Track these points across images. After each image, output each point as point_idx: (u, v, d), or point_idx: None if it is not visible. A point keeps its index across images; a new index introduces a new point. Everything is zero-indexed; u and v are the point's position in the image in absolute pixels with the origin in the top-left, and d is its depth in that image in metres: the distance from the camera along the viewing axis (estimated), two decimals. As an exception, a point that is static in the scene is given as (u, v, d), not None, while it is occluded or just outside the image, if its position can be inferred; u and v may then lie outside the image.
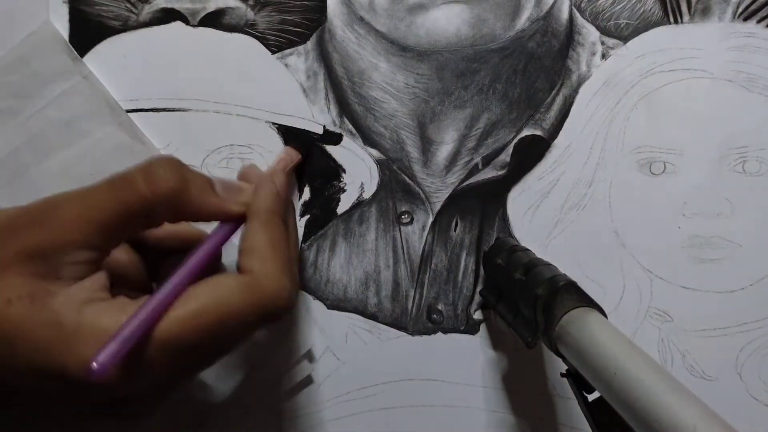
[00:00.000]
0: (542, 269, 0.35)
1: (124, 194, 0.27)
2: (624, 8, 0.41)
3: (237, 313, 0.27)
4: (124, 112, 0.40)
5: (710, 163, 0.41)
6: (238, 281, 0.28)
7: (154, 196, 0.27)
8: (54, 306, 0.25)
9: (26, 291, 0.25)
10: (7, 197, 0.40)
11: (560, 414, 0.41)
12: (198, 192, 0.29)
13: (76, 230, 0.26)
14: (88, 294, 0.26)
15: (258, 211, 0.31)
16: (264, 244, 0.30)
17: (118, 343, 0.24)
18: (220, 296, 0.27)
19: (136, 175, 0.27)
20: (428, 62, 0.41)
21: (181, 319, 0.26)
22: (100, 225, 0.26)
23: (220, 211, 0.30)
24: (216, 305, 0.27)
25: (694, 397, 0.25)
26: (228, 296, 0.27)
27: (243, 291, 0.27)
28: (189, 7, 0.41)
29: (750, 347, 0.41)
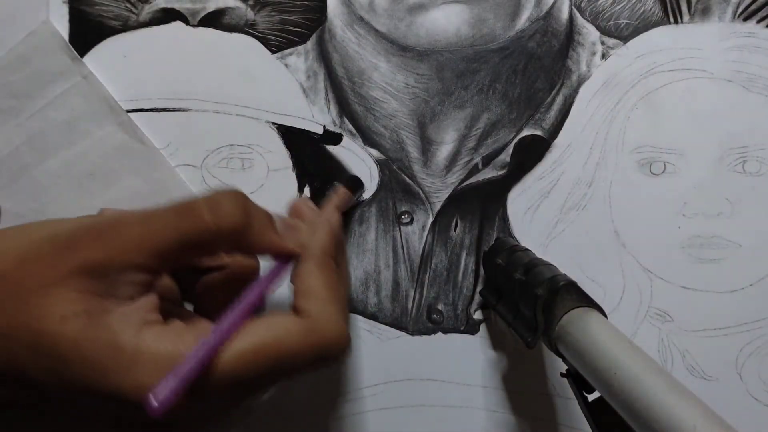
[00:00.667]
0: (542, 269, 0.35)
1: (188, 224, 0.26)
2: (624, 8, 0.41)
3: (295, 354, 0.27)
4: (124, 112, 0.40)
5: (710, 163, 0.41)
6: (297, 323, 0.28)
7: (218, 229, 0.27)
8: (111, 325, 0.24)
9: (83, 308, 0.24)
10: (8, 197, 0.40)
11: (560, 414, 0.41)
12: (260, 228, 0.28)
13: (136, 252, 0.25)
14: (143, 315, 0.25)
15: (314, 253, 0.31)
16: (321, 286, 0.29)
17: (178, 380, 0.23)
18: (279, 335, 0.27)
19: (201, 205, 0.27)
20: (428, 62, 0.41)
21: (240, 354, 0.26)
22: (160, 250, 0.26)
23: (278, 249, 0.30)
24: (275, 343, 0.26)
25: (694, 397, 0.25)
26: (287, 336, 0.27)
27: (302, 333, 0.27)
28: (189, 7, 0.41)
29: (750, 347, 0.41)
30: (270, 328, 0.27)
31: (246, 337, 0.26)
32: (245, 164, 0.41)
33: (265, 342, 0.26)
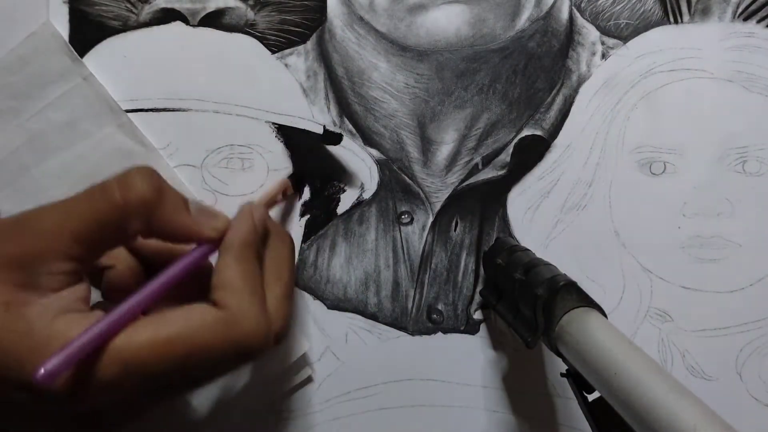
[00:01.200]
0: (542, 269, 0.35)
1: (99, 203, 0.26)
2: (624, 8, 0.41)
3: (209, 349, 0.27)
4: (125, 113, 0.40)
5: (710, 163, 0.41)
6: (214, 316, 0.27)
7: (125, 204, 0.26)
8: (27, 315, 0.25)
9: (2, 299, 0.24)
10: (7, 198, 0.40)
11: (560, 414, 0.41)
12: (171, 207, 0.28)
13: (55, 240, 0.25)
14: (64, 304, 0.26)
15: (231, 244, 0.30)
16: (239, 278, 0.29)
17: (66, 353, 0.24)
18: (193, 328, 0.26)
19: (112, 183, 0.27)
20: (428, 62, 0.41)
21: (151, 343, 0.25)
22: (77, 235, 0.26)
23: (191, 232, 0.29)
24: (188, 337, 0.26)
25: (694, 397, 0.25)
26: (202, 329, 0.26)
27: (218, 325, 0.27)
28: (189, 7, 0.41)
29: (750, 347, 0.41)
30: (186, 318, 0.27)
31: (160, 325, 0.26)
32: (245, 164, 0.41)
33: (179, 333, 0.26)
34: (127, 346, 0.25)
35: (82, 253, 0.26)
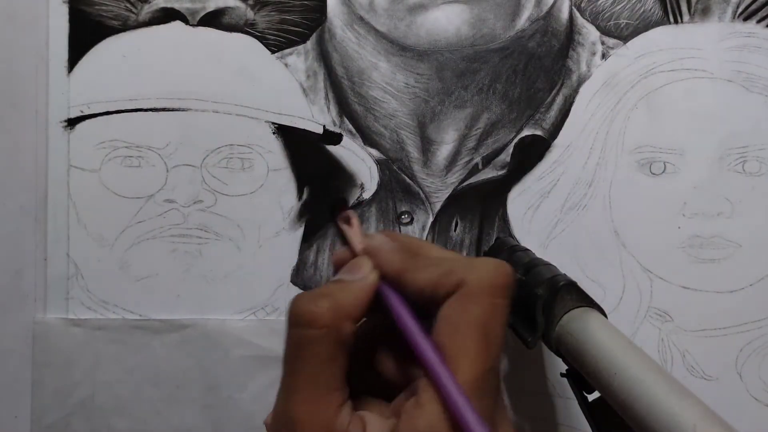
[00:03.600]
0: (542, 269, 0.35)
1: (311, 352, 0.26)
2: (624, 8, 0.41)
3: (486, 318, 0.26)
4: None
5: (710, 163, 0.41)
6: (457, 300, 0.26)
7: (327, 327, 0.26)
8: None
9: None
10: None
11: (560, 414, 0.41)
12: (344, 296, 0.27)
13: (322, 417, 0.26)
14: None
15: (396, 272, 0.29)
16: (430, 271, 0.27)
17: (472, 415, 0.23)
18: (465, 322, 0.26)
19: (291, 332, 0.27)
20: (428, 62, 0.41)
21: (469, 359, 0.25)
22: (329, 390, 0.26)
23: (368, 288, 0.28)
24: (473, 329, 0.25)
25: (694, 397, 0.25)
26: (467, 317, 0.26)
27: (469, 299, 0.26)
28: (188, 6, 0.41)
29: (750, 347, 0.41)
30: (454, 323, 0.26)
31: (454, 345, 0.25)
32: (245, 164, 0.41)
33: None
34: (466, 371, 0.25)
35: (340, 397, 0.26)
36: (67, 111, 0.41)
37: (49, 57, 0.40)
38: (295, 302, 0.27)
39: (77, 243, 0.41)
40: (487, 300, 0.26)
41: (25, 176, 0.41)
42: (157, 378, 0.40)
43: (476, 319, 0.26)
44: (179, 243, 0.41)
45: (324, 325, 0.26)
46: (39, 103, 0.41)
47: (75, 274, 0.41)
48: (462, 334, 0.26)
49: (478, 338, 0.25)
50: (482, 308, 0.26)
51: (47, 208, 0.40)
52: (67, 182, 0.40)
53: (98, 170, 0.41)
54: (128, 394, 0.40)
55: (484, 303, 0.26)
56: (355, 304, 0.27)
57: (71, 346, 0.40)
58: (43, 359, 0.40)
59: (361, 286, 0.28)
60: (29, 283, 0.41)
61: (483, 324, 0.26)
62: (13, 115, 0.41)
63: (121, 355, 0.40)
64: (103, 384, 0.40)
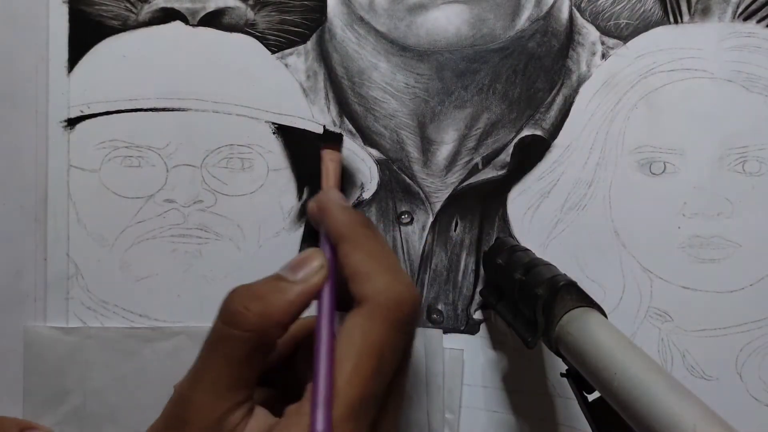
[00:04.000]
0: (542, 269, 0.35)
1: (223, 351, 0.26)
2: (624, 8, 0.41)
3: (382, 345, 0.26)
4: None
5: (710, 163, 0.41)
6: (363, 316, 0.26)
7: (249, 333, 0.26)
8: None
9: None
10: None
11: (560, 414, 0.41)
12: (277, 301, 0.27)
13: (214, 409, 0.26)
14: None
15: (339, 236, 0.29)
16: (360, 261, 0.27)
17: (323, 406, 0.24)
18: (360, 342, 0.25)
19: (218, 326, 0.27)
20: (428, 62, 0.41)
21: (349, 381, 0.25)
22: (231, 388, 0.26)
23: (306, 294, 0.28)
24: (365, 353, 0.25)
25: (694, 397, 0.25)
26: (364, 337, 0.26)
27: (372, 321, 0.26)
28: (189, 6, 0.41)
29: (750, 347, 0.41)
30: (351, 340, 0.26)
31: (341, 363, 0.25)
32: (245, 164, 0.41)
33: (356, 355, 0.25)
34: (343, 394, 0.25)
35: (241, 395, 0.26)
36: (67, 111, 0.41)
37: (49, 57, 0.40)
38: (229, 297, 0.27)
39: (77, 243, 0.41)
40: (387, 328, 0.26)
41: (25, 176, 0.41)
42: (149, 386, 0.40)
43: (373, 344, 0.25)
44: (179, 243, 0.41)
45: (248, 330, 0.26)
46: (39, 103, 0.41)
47: (75, 274, 0.41)
48: (356, 353, 0.25)
49: (370, 362, 0.25)
50: (381, 334, 0.26)
51: (47, 208, 0.41)
52: (67, 182, 0.41)
53: (98, 170, 0.41)
54: (119, 402, 0.40)
55: (384, 330, 0.26)
56: (288, 311, 0.27)
57: (62, 355, 0.40)
58: (34, 367, 0.40)
59: (299, 291, 0.27)
60: (29, 283, 0.41)
61: (378, 349, 0.25)
62: (13, 115, 0.41)
63: (112, 363, 0.40)
64: (94, 392, 0.40)
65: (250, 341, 0.26)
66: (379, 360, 0.25)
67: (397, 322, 0.26)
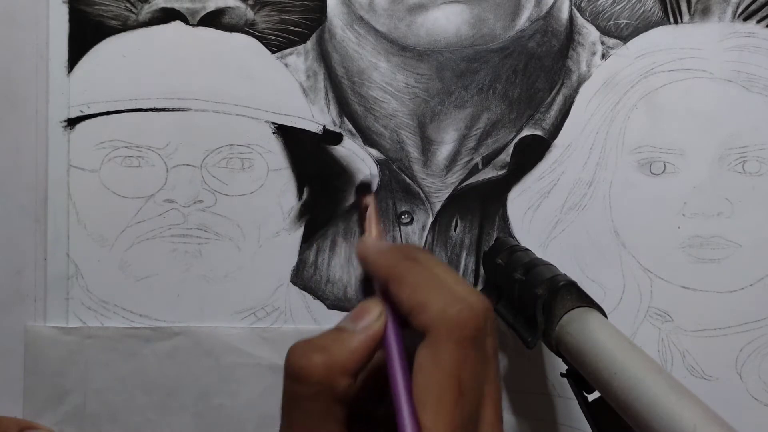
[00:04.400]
0: (542, 269, 0.35)
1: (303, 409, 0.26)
2: (624, 8, 0.41)
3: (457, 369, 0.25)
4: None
5: (710, 163, 0.41)
6: (429, 347, 0.25)
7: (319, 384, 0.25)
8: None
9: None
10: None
11: (560, 414, 0.41)
12: (340, 350, 0.26)
13: None
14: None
15: (384, 281, 0.28)
16: (409, 296, 0.27)
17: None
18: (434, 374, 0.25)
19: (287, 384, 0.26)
20: (428, 62, 0.41)
21: (435, 416, 0.24)
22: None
23: (368, 340, 0.27)
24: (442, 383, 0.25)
25: (694, 397, 0.25)
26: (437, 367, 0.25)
27: (439, 349, 0.25)
28: (189, 6, 0.41)
29: (750, 347, 0.41)
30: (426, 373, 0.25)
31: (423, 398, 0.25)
32: (245, 164, 0.41)
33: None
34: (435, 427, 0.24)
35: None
36: (67, 111, 0.41)
37: (49, 57, 0.40)
38: (290, 354, 0.26)
39: (77, 243, 0.41)
40: (455, 351, 0.25)
41: (25, 176, 0.41)
42: (148, 386, 0.40)
43: (446, 370, 0.25)
44: (179, 243, 0.41)
45: (315, 382, 0.25)
46: (39, 103, 0.41)
47: (75, 274, 0.41)
48: (434, 384, 0.25)
49: (450, 390, 0.25)
50: (451, 359, 0.25)
51: (47, 208, 0.40)
52: (67, 182, 0.40)
53: (98, 170, 0.41)
54: (119, 401, 0.40)
55: (453, 354, 0.25)
56: (353, 359, 0.26)
57: (62, 354, 0.40)
58: (34, 367, 0.40)
59: (362, 339, 0.27)
60: (29, 283, 0.41)
61: (454, 374, 0.25)
62: (13, 115, 0.41)
63: (112, 363, 0.40)
64: (94, 392, 0.40)
65: (321, 394, 0.26)
66: (458, 384, 0.25)
67: (464, 340, 0.26)
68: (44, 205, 0.41)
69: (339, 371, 0.26)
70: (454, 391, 0.25)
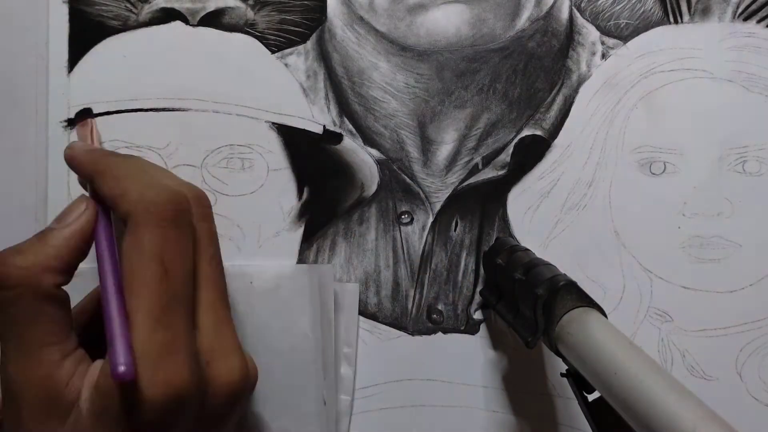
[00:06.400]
0: (542, 269, 0.35)
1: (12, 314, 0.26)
2: (624, 8, 0.41)
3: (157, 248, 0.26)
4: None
5: (710, 163, 0.41)
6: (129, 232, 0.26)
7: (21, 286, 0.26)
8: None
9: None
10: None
11: (560, 414, 0.41)
12: (41, 249, 0.27)
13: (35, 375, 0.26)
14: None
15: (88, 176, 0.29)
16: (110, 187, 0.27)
17: (118, 341, 0.24)
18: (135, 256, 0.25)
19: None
20: (428, 62, 0.41)
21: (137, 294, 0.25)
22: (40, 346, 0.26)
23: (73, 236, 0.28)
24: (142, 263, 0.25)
25: (694, 397, 0.25)
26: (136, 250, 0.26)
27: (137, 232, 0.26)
28: (189, 6, 0.41)
29: (750, 347, 0.41)
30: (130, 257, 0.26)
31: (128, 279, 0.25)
32: (245, 164, 0.41)
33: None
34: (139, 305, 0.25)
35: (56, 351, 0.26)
36: (67, 111, 0.41)
37: (49, 57, 0.40)
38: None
39: (77, 243, 0.40)
40: (154, 231, 0.26)
41: (25, 176, 0.41)
42: None
43: (147, 251, 0.25)
44: (179, 243, 0.41)
45: (15, 285, 0.25)
46: (39, 103, 0.41)
47: (75, 274, 0.41)
48: (137, 266, 0.25)
49: (152, 268, 0.25)
50: (150, 239, 0.25)
51: (47, 208, 0.40)
52: (68, 182, 0.40)
53: (98, 170, 0.41)
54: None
55: (152, 234, 0.25)
56: (55, 255, 0.27)
57: None
58: None
59: (66, 234, 0.27)
60: (29, 283, 0.41)
61: (155, 254, 0.25)
62: (13, 115, 0.41)
63: None
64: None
65: (25, 296, 0.26)
66: (159, 263, 0.25)
67: (163, 221, 0.26)
68: (44, 205, 0.41)
69: (42, 269, 0.26)
70: (156, 272, 0.25)
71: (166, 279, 0.25)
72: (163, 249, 0.26)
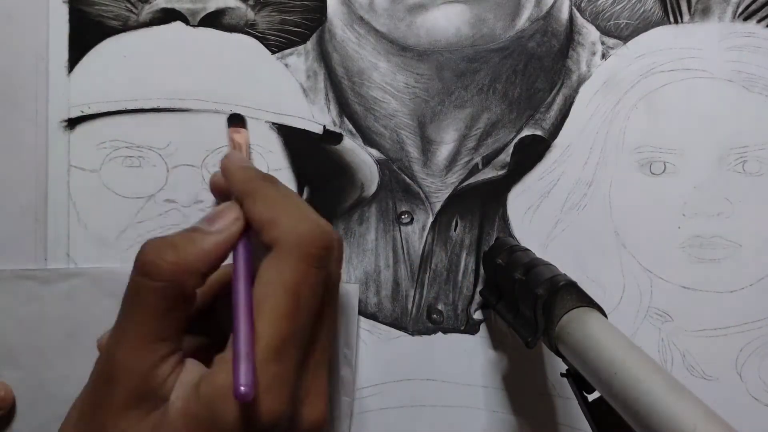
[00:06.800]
0: (542, 269, 0.35)
1: (146, 303, 0.26)
2: (624, 8, 0.41)
3: (297, 283, 0.26)
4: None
5: (710, 163, 0.41)
6: (274, 259, 0.26)
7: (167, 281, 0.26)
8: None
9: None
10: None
11: (560, 414, 0.41)
12: (191, 250, 0.27)
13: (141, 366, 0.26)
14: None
15: (240, 193, 0.29)
16: (262, 211, 0.28)
17: (244, 357, 0.24)
18: (275, 284, 0.26)
19: (136, 279, 0.26)
20: (428, 62, 0.41)
21: (268, 322, 0.25)
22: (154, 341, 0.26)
23: (221, 244, 0.28)
24: (280, 292, 0.26)
25: (694, 397, 0.25)
26: (278, 278, 0.26)
27: (282, 262, 0.26)
28: (189, 7, 0.41)
29: (750, 347, 0.41)
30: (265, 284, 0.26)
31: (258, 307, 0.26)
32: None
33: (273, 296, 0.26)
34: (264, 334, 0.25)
35: (166, 348, 0.26)
36: (67, 111, 0.41)
37: (49, 57, 0.40)
38: (143, 248, 0.27)
39: (77, 243, 0.41)
40: (298, 265, 0.26)
41: (25, 176, 0.41)
42: (47, 328, 0.40)
43: (286, 282, 0.26)
44: (179, 243, 0.41)
45: (163, 279, 0.26)
46: (39, 103, 0.41)
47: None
48: (272, 294, 0.25)
49: (286, 301, 0.25)
50: (293, 272, 0.26)
51: (47, 208, 0.41)
52: (67, 182, 0.41)
53: (98, 170, 0.41)
54: (18, 344, 0.40)
55: (296, 267, 0.26)
56: (204, 260, 0.27)
57: None
58: None
59: (215, 241, 0.28)
60: (29, 283, 0.41)
61: (293, 287, 0.26)
62: (13, 115, 0.41)
63: (10, 305, 0.40)
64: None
65: (166, 291, 0.26)
66: (295, 298, 0.26)
67: (309, 257, 0.26)
68: (44, 205, 0.41)
69: (188, 270, 0.26)
70: (291, 303, 0.26)
71: (296, 314, 0.26)
72: (302, 284, 0.26)
